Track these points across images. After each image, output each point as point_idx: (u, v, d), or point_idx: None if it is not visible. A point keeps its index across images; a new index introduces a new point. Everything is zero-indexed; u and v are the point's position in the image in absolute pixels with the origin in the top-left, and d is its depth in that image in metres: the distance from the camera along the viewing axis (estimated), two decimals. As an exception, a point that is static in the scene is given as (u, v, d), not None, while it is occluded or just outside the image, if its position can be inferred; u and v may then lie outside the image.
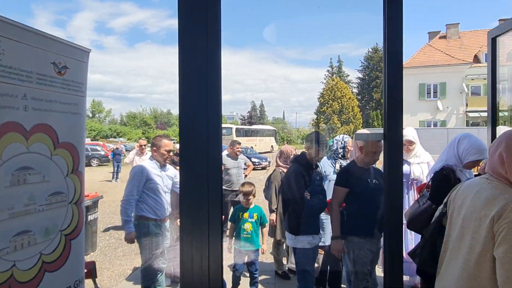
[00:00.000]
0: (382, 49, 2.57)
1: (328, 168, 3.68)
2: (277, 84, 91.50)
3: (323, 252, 3.78)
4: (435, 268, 1.76)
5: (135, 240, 3.37)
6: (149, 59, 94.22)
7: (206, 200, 2.14)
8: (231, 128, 26.19)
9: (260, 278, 4.22)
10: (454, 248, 1.63)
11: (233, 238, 3.71)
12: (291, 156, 4.31)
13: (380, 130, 2.25)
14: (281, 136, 42.72)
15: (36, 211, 1.81)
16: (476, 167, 2.99)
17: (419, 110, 29.35)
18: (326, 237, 3.63)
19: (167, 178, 3.54)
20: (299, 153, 3.58)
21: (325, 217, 3.53)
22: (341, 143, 3.65)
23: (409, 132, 3.86)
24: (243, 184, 3.88)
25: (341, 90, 39.47)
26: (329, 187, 3.52)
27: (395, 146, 2.13)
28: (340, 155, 3.65)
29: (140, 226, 3.35)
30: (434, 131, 26.20)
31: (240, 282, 3.85)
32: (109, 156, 18.24)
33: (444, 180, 2.58)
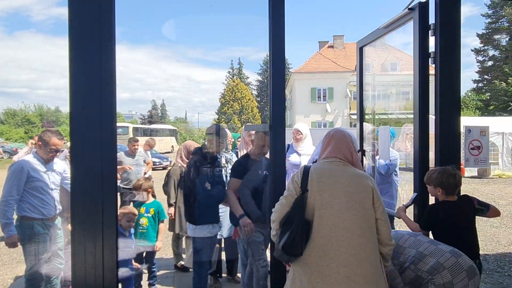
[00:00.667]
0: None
1: None
2: (179, 84, 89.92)
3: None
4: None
5: (18, 244, 3.12)
6: (34, 50, 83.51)
7: (100, 199, 2.14)
8: (128, 127, 24.93)
9: (160, 273, 4.25)
10: (340, 222, 1.76)
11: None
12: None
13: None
14: (183, 136, 42.15)
15: None
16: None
17: (311, 112, 31.84)
18: (223, 230, 3.83)
19: (55, 174, 3.33)
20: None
21: (221, 210, 3.71)
22: None
23: (299, 124, 4.37)
24: (138, 180, 3.88)
25: (241, 91, 40.65)
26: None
27: (279, 136, 2.43)
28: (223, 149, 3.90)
29: (23, 227, 3.10)
30: (323, 131, 28.62)
31: (141, 278, 3.82)
32: (-19, 158, 15.87)
33: None
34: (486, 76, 35.26)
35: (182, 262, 4.47)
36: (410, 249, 2.08)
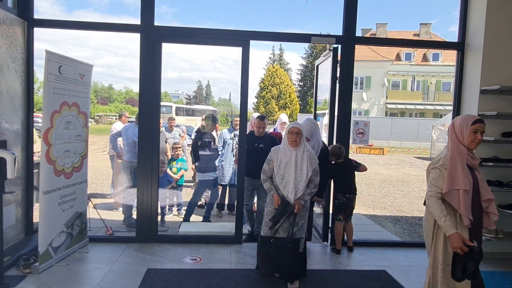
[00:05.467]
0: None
1: (227, 135, 5.99)
2: (225, 65, 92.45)
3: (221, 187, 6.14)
4: None
5: None
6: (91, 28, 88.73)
7: (150, 160, 4.34)
8: (171, 106, 27.12)
9: (185, 207, 6.50)
10: None
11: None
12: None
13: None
14: (224, 117, 44.56)
15: (71, 142, 3.91)
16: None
17: (347, 99, 32.46)
18: (225, 178, 5.97)
19: None
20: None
21: (225, 164, 5.84)
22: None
23: (285, 118, 6.38)
24: (173, 144, 6.12)
25: (280, 77, 41.98)
26: (227, 147, 5.87)
27: (244, 121, 4.47)
28: (234, 128, 6.01)
29: None
30: (358, 118, 29.39)
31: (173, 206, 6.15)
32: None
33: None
34: None
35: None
36: None
